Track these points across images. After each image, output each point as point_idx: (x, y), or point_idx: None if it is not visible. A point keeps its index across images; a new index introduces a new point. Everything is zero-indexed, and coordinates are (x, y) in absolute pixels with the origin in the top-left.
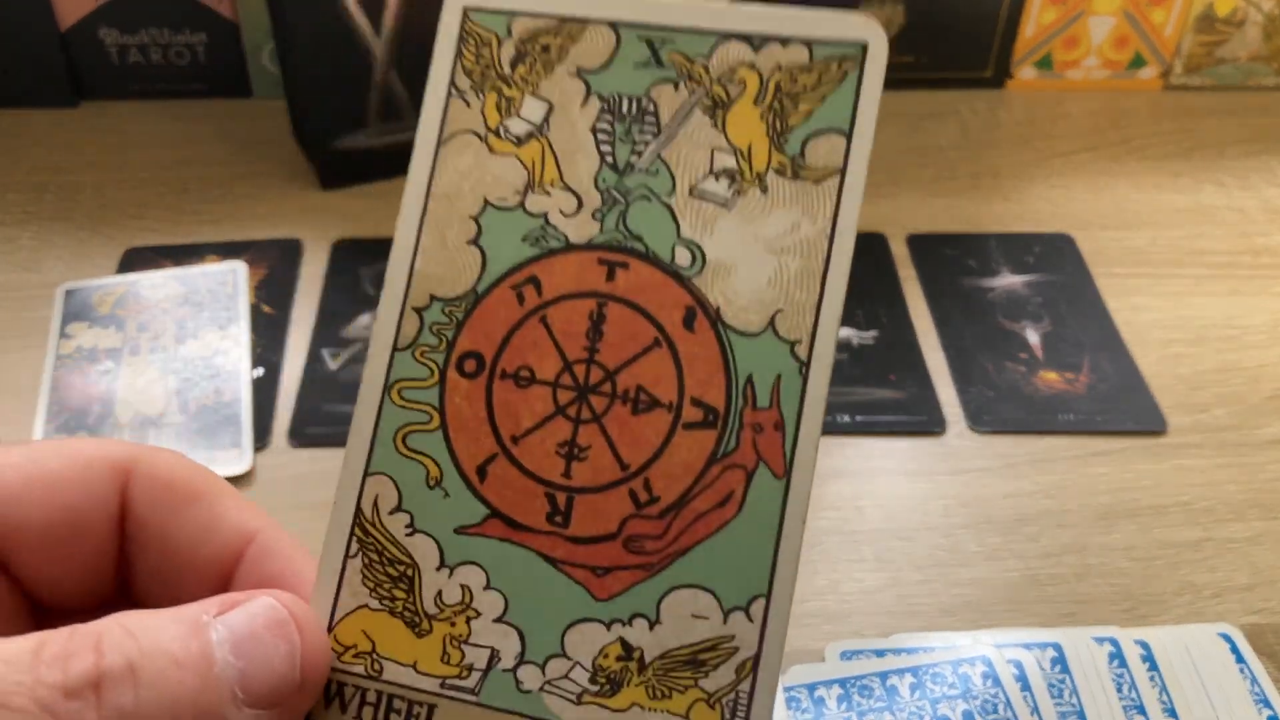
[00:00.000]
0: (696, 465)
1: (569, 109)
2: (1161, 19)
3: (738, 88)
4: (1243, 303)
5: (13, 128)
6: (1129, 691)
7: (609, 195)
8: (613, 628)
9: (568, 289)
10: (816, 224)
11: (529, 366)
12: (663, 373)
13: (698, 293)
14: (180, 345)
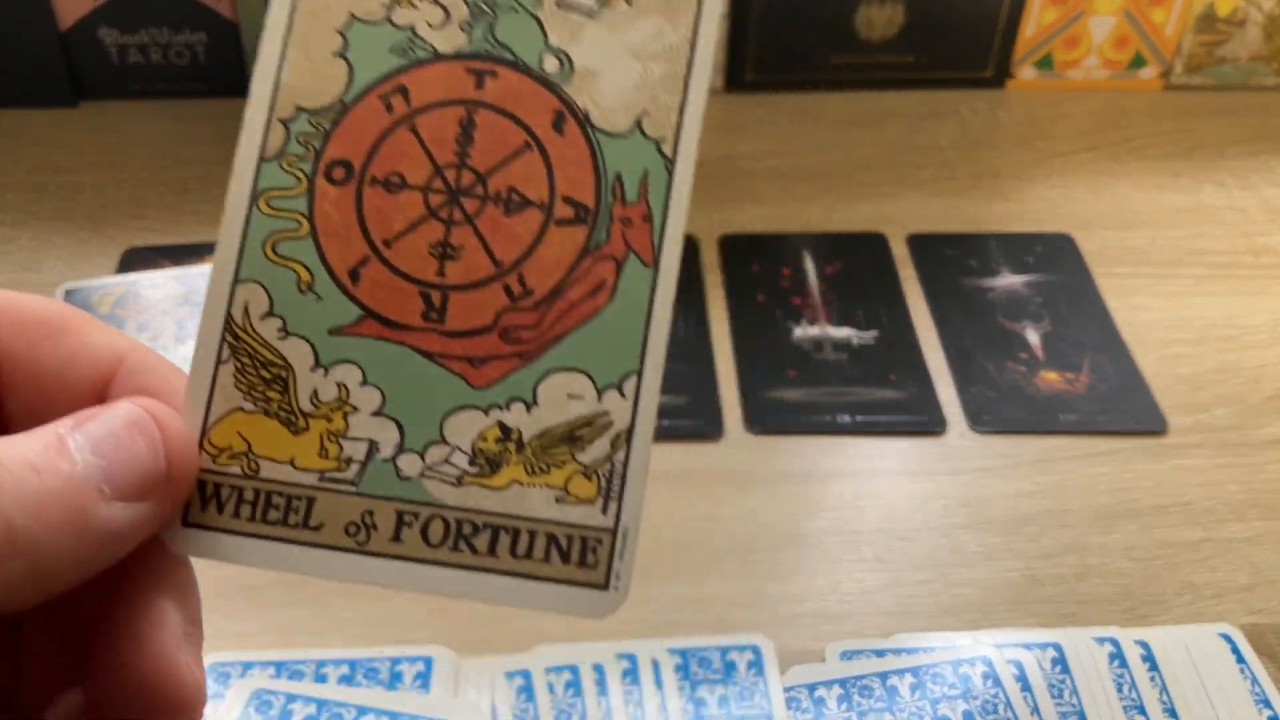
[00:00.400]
0: (568, 259)
1: None
2: (1162, 19)
3: None
4: (1243, 303)
5: (12, 128)
6: (1129, 692)
7: (476, 7)
8: (490, 413)
9: (436, 97)
10: (679, 31)
11: (399, 172)
12: (533, 174)
13: (566, 97)
14: (180, 345)
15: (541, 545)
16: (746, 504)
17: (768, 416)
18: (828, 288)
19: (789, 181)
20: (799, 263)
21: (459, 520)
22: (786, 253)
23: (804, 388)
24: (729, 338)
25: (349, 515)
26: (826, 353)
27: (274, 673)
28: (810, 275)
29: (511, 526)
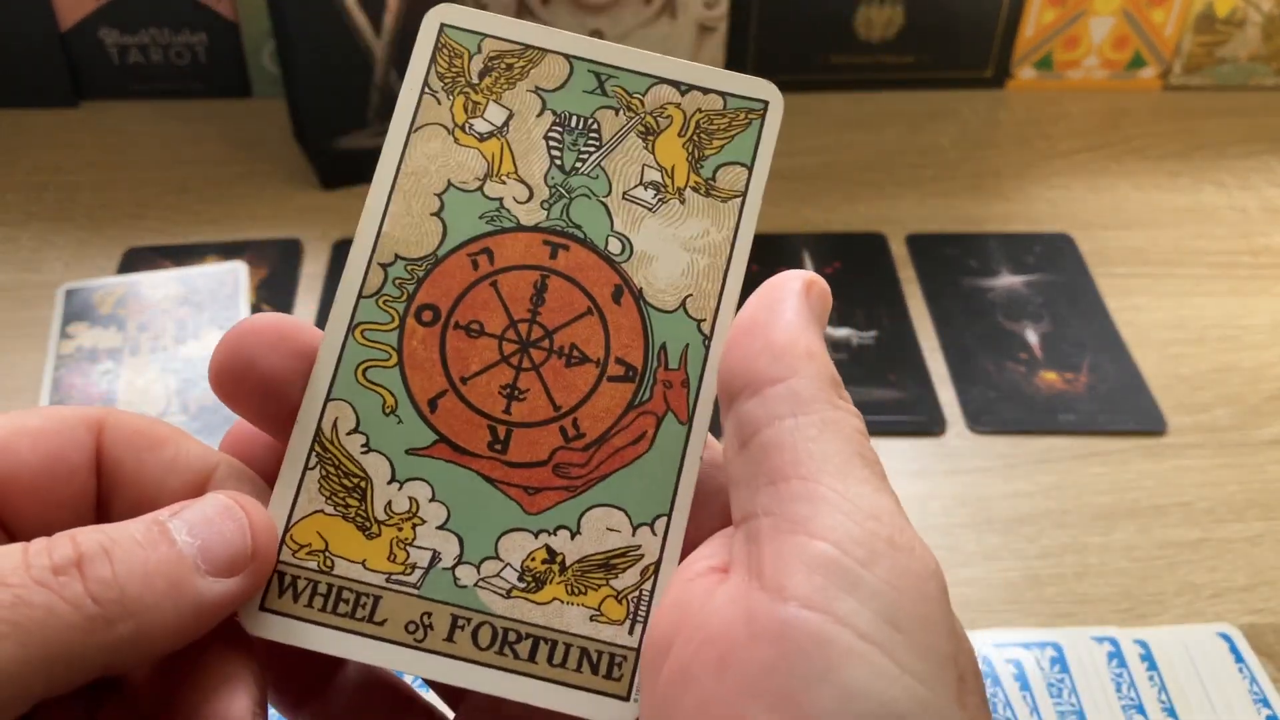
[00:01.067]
0: (617, 410)
1: (526, 117)
2: (1161, 19)
3: (666, 120)
4: (1243, 303)
5: (13, 128)
6: (1128, 691)
7: (556, 190)
8: (539, 536)
9: (516, 261)
10: (722, 232)
11: (479, 321)
12: (593, 335)
13: (625, 275)
14: (180, 345)
15: (575, 657)
16: None
17: None
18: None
19: (789, 182)
20: (798, 263)
21: (505, 628)
22: (786, 253)
23: None
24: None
25: (410, 614)
26: None
27: None
28: None
29: (550, 638)
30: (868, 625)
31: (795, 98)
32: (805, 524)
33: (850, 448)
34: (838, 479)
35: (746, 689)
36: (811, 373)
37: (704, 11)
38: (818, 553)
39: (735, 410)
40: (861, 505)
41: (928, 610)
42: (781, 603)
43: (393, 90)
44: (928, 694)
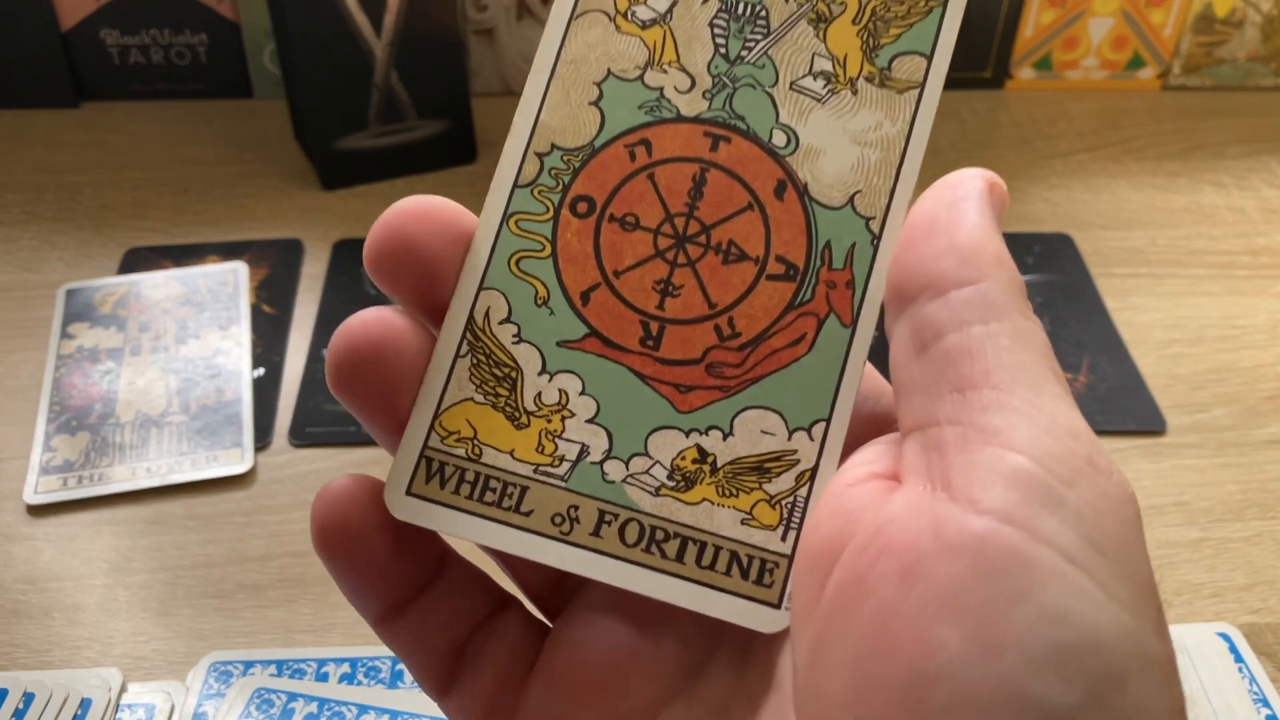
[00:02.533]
0: (776, 310)
1: (691, 4)
2: (1160, 19)
3: (840, 7)
4: (1242, 303)
5: (14, 128)
6: None
7: (719, 80)
8: (690, 435)
9: (675, 153)
10: (896, 125)
11: (634, 214)
12: (752, 231)
13: (789, 168)
14: (181, 345)
15: (725, 560)
16: None
17: None
18: None
19: None
20: None
21: (653, 526)
22: None
23: None
24: None
25: (556, 507)
26: None
27: (275, 671)
28: None
29: (699, 539)
30: (1073, 546)
31: None
32: (1000, 435)
33: (1044, 361)
34: (1033, 392)
35: (935, 604)
36: (1004, 278)
37: None
38: (1016, 466)
39: (914, 312)
40: (1059, 421)
41: (1130, 536)
42: (976, 515)
43: (394, 91)
44: (1133, 622)
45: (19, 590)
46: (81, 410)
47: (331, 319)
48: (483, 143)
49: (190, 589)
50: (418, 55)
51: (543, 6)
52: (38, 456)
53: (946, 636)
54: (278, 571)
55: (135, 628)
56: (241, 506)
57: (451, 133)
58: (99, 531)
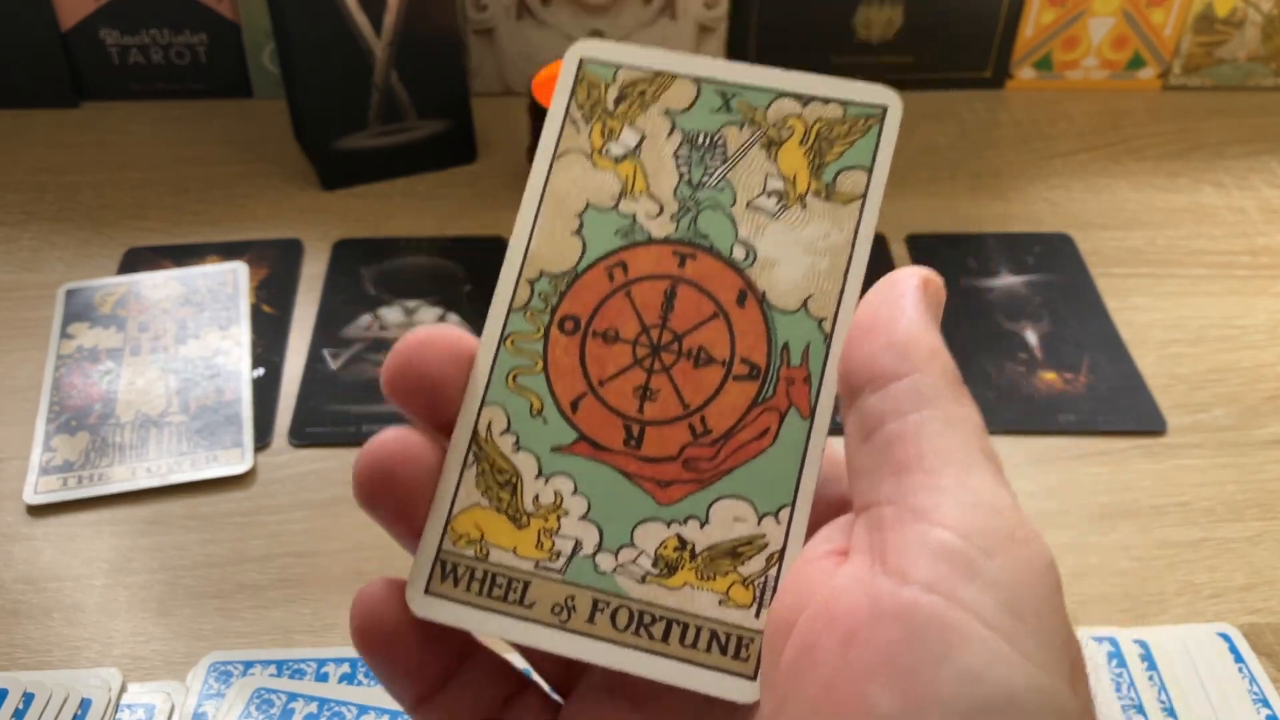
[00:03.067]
0: (742, 407)
1: (658, 138)
2: (1160, 19)
3: (788, 132)
4: (1242, 303)
5: (14, 128)
6: (1128, 691)
7: (684, 204)
8: (671, 526)
9: (648, 271)
10: (843, 233)
11: (615, 328)
12: (719, 338)
13: (749, 279)
14: (181, 345)
15: (705, 639)
16: None
17: None
18: None
19: None
20: None
21: (641, 611)
22: None
23: None
24: None
25: (555, 598)
26: None
27: (275, 671)
28: None
29: (683, 620)
30: (989, 612)
31: None
32: (929, 514)
33: (973, 443)
34: (961, 472)
35: (870, 667)
36: (935, 370)
37: (704, 12)
38: (941, 540)
39: (859, 404)
40: (983, 498)
41: (1046, 601)
42: (906, 586)
43: (393, 91)
44: (1045, 680)
45: (19, 590)
46: (81, 410)
47: (331, 319)
48: (482, 142)
49: (190, 589)
50: (417, 55)
51: (542, 6)
52: (37, 456)
53: (879, 697)
54: (277, 571)
55: (135, 628)
56: (241, 507)
57: (451, 132)
58: (99, 532)
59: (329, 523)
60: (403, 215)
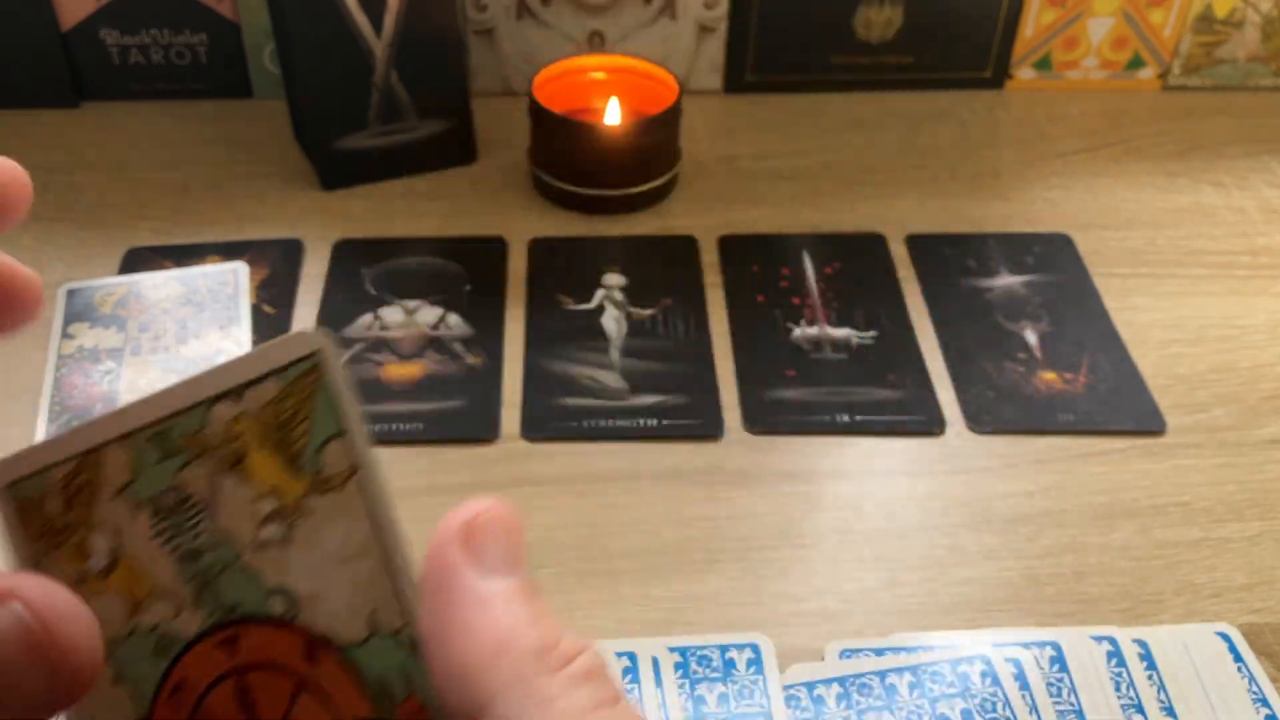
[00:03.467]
0: None
1: (126, 524)
2: (1160, 20)
3: (241, 441)
4: (1241, 303)
5: (14, 128)
6: (1127, 690)
7: (196, 583)
8: None
9: (206, 681)
10: (360, 523)
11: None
12: (315, 712)
13: (306, 628)
14: (182, 345)
15: None
16: (746, 503)
17: (767, 416)
18: (827, 288)
19: (788, 182)
20: (798, 263)
21: None
22: (786, 253)
23: (803, 387)
24: (729, 338)
25: None
26: (825, 353)
27: None
28: (809, 275)
29: None
30: None
31: (794, 98)
32: None
33: None
34: None
35: None
36: (510, 690)
37: (704, 12)
38: None
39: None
40: None
41: None
42: None
43: (393, 91)
44: None
45: None
46: (82, 410)
47: (332, 319)
48: (483, 143)
49: None
50: (418, 55)
51: (543, 7)
52: None
53: None
54: None
55: None
56: None
57: (451, 133)
58: None
59: None
60: (403, 215)
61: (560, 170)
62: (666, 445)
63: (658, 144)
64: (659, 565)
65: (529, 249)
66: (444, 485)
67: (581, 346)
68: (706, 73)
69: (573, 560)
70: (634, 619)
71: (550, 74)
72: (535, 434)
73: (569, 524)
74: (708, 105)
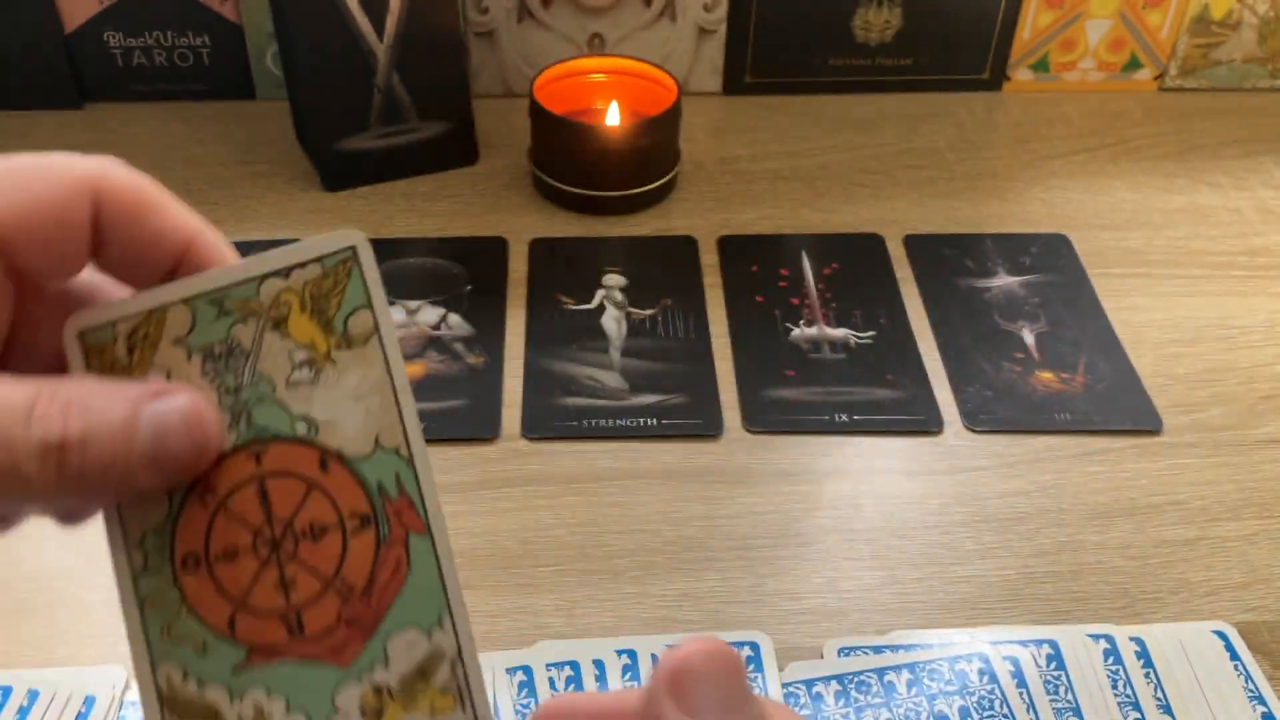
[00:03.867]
0: (370, 554)
1: (180, 366)
2: (1157, 21)
3: (286, 307)
4: (1238, 303)
5: (18, 129)
6: (1124, 688)
7: (234, 410)
8: (362, 680)
9: (233, 482)
10: (375, 370)
11: (231, 545)
12: (322, 508)
13: (322, 446)
14: None
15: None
16: (745, 502)
17: (766, 416)
18: (825, 288)
19: (787, 183)
20: (797, 263)
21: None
22: (785, 254)
23: (802, 387)
24: (728, 338)
25: None
26: (824, 352)
27: None
28: (808, 276)
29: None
30: None
31: (794, 99)
32: None
33: None
34: None
35: None
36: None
37: (703, 14)
38: None
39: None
40: None
41: None
42: None
43: (395, 92)
44: None
45: (24, 588)
46: None
47: None
48: (484, 144)
49: None
50: (419, 57)
51: (543, 9)
52: None
53: None
54: None
55: None
56: None
57: (452, 134)
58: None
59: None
60: (404, 216)
61: (560, 171)
62: (666, 445)
63: (657, 145)
64: (659, 564)
65: (529, 249)
66: (445, 485)
67: (581, 346)
68: (706, 74)
69: (573, 559)
70: (634, 617)
71: (551, 75)
72: (535, 434)
73: (569, 523)
74: (707, 107)
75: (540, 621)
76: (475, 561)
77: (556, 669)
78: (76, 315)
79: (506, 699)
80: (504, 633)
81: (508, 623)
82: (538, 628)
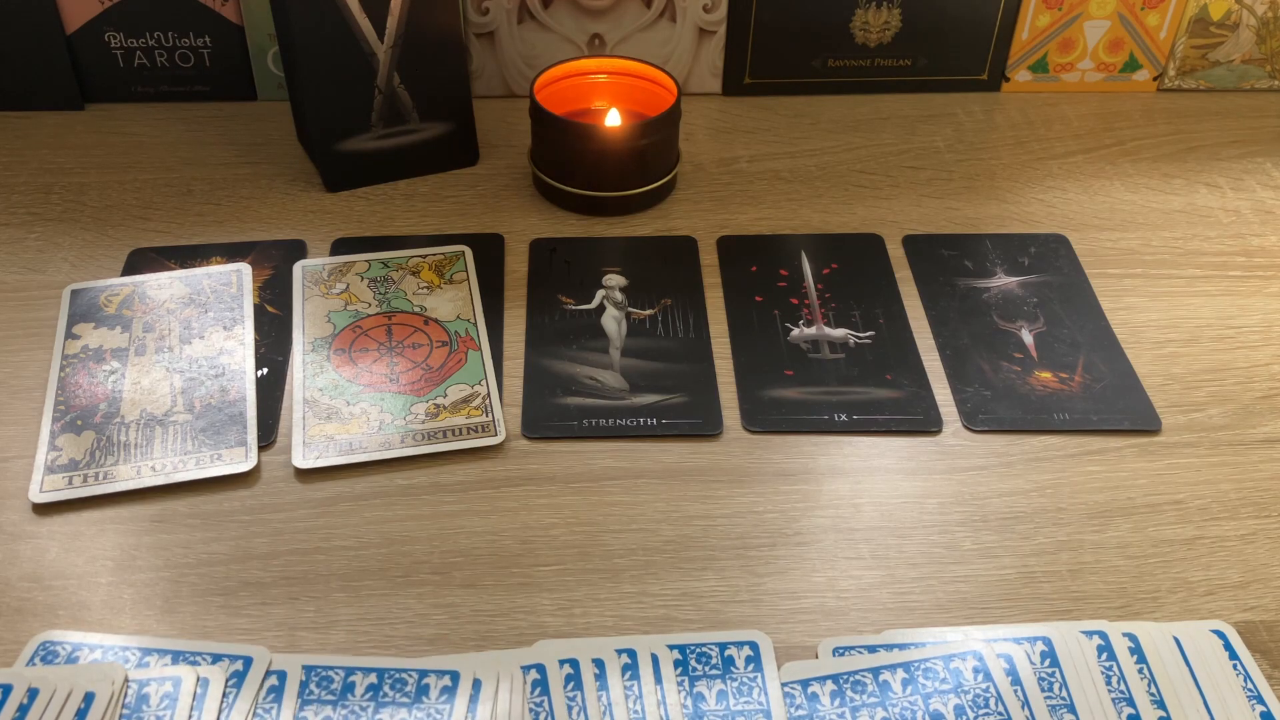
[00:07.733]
0: (443, 356)
1: (356, 285)
2: (1156, 22)
3: (419, 266)
4: (1236, 303)
5: (19, 130)
6: (1118, 683)
7: (380, 300)
8: (427, 400)
9: (373, 325)
10: (463, 293)
11: (366, 347)
12: (421, 338)
13: (426, 315)
14: (185, 345)
15: (465, 430)
16: (744, 502)
17: (766, 415)
18: (825, 288)
19: (786, 183)
20: (796, 264)
21: (430, 431)
22: (784, 254)
23: (801, 387)
24: (727, 337)
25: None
26: (823, 352)
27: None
28: (807, 276)
29: (453, 426)
30: None
31: (793, 100)
32: None
33: None
34: None
35: None
36: None
37: (703, 15)
38: None
39: None
40: None
41: None
42: None
43: (395, 94)
44: None
45: (24, 588)
46: (86, 409)
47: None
48: (484, 145)
49: (194, 587)
50: (420, 58)
51: (543, 10)
52: (43, 455)
53: None
54: (281, 569)
55: (139, 625)
56: (245, 505)
57: (453, 135)
58: (103, 530)
59: (332, 520)
60: (405, 217)
61: (561, 172)
62: (666, 444)
63: (657, 146)
64: (658, 563)
65: (530, 249)
66: (445, 484)
67: (581, 346)
68: (705, 75)
69: (572, 558)
70: (633, 616)
71: (551, 76)
72: (535, 433)
73: (569, 522)
74: (707, 107)
75: (540, 621)
76: (475, 561)
77: (556, 668)
78: (301, 262)
79: (519, 698)
80: (504, 632)
81: (508, 622)
82: (538, 627)
